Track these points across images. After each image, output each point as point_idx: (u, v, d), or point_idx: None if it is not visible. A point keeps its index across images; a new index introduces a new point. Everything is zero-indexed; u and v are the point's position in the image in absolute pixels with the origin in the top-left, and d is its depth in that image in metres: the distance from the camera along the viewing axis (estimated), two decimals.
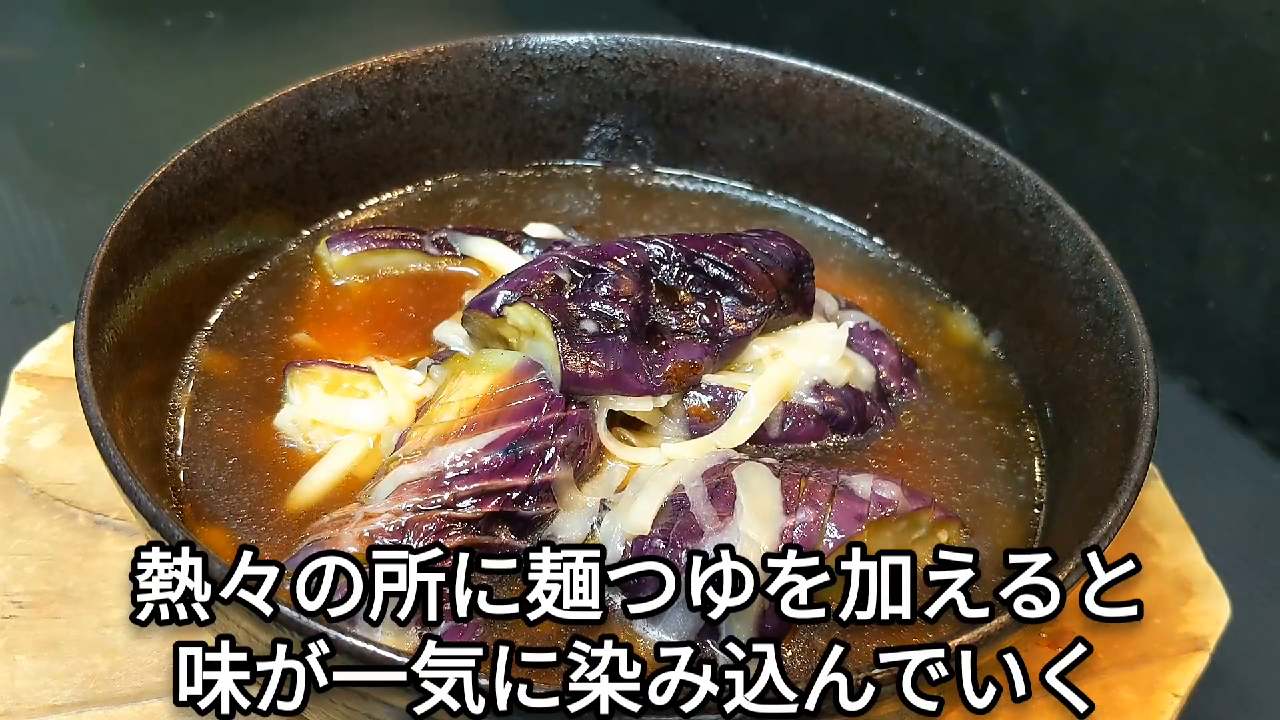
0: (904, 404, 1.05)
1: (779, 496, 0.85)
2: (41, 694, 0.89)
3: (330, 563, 0.74)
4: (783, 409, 0.97)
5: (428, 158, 1.26)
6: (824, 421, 0.98)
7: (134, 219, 0.96)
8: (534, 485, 0.88)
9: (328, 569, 0.74)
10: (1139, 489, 0.83)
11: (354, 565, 0.74)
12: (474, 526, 0.87)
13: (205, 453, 0.95)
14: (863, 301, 1.15)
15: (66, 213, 1.62)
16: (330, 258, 1.12)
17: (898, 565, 0.75)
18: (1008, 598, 0.75)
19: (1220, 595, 1.05)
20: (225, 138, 1.08)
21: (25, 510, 1.02)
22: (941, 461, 1.01)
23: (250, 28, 2.08)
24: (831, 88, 1.22)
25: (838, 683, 0.69)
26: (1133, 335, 0.95)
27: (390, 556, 0.74)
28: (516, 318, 0.95)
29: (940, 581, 0.77)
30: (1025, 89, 1.59)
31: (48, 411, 1.11)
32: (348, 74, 1.18)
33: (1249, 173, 1.36)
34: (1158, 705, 0.95)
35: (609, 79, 1.28)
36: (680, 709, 0.67)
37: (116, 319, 0.91)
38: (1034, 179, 1.10)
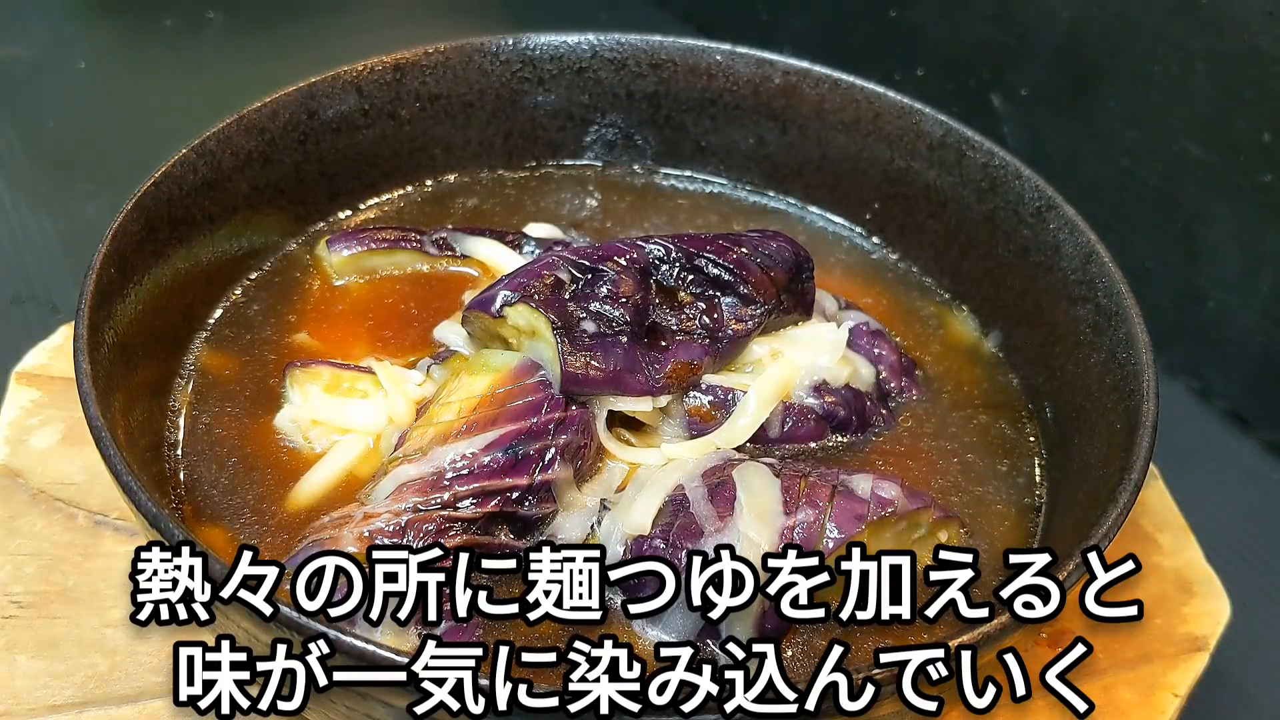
0: (904, 404, 1.05)
1: (779, 496, 0.85)
2: (41, 694, 0.89)
3: (330, 563, 0.74)
4: (783, 409, 0.97)
5: (428, 158, 1.26)
6: (824, 421, 0.98)
7: (134, 219, 0.96)
8: (534, 485, 0.88)
9: (328, 569, 0.74)
10: (1139, 489, 0.83)
11: (354, 565, 0.74)
12: (474, 526, 0.87)
13: (205, 453, 0.95)
14: (863, 302, 1.15)
15: (66, 213, 1.62)
16: (330, 258, 1.12)
17: (898, 565, 0.75)
18: (1008, 598, 0.75)
19: (1220, 595, 1.05)
20: (225, 138, 1.08)
21: (25, 510, 1.02)
22: (941, 461, 1.01)
23: (250, 28, 2.08)
24: (831, 88, 1.22)
25: (838, 682, 0.69)
26: (1133, 335, 0.95)
27: (390, 556, 0.74)
28: (516, 318, 0.95)
29: (940, 581, 0.77)
30: (1025, 89, 1.59)
31: (48, 411, 1.11)
32: (348, 74, 1.18)
33: (1249, 173, 1.36)
34: (1158, 705, 0.95)
35: (609, 79, 1.28)
36: (680, 709, 0.67)
37: (116, 319, 0.91)
38: (1034, 179, 1.10)
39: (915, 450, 1.01)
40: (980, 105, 1.64)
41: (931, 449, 1.02)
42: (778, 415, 0.97)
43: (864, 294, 1.18)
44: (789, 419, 0.97)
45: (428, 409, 0.93)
